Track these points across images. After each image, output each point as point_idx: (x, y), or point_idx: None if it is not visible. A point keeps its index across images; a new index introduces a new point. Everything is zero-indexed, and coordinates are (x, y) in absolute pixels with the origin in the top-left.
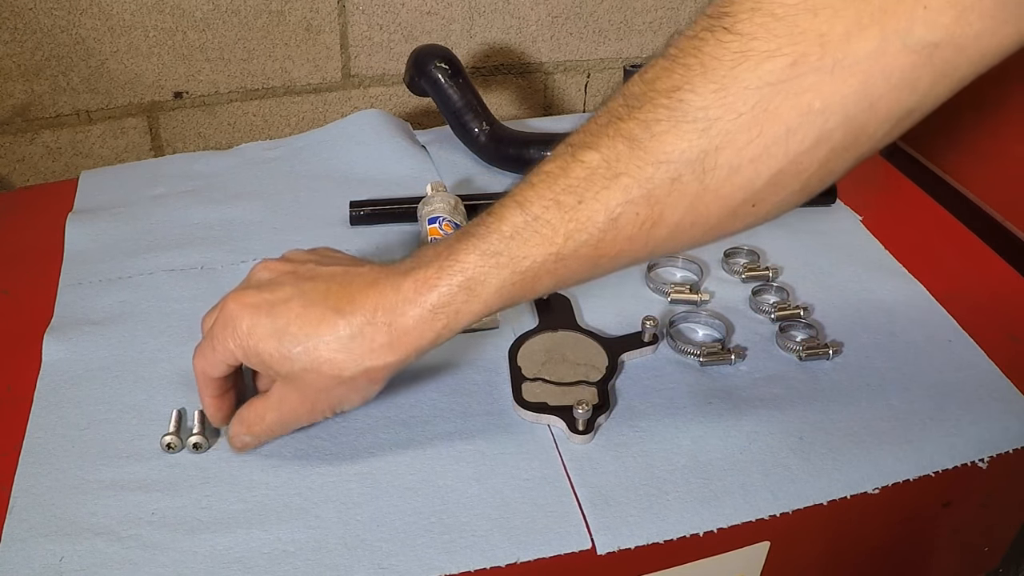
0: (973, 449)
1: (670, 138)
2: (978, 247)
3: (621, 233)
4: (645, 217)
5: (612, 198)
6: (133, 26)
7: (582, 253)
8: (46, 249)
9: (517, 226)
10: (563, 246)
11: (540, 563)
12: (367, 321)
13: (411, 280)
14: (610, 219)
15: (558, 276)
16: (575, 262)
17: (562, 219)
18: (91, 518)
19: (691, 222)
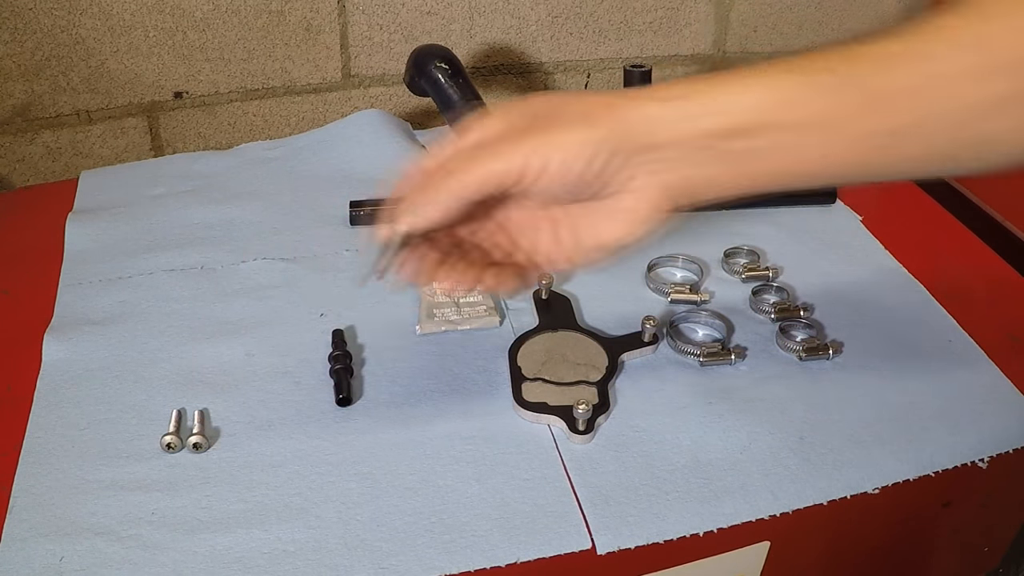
0: (973, 449)
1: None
2: (978, 247)
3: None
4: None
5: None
6: (133, 26)
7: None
8: (46, 249)
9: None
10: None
11: (540, 563)
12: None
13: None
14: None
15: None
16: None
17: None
18: (91, 518)
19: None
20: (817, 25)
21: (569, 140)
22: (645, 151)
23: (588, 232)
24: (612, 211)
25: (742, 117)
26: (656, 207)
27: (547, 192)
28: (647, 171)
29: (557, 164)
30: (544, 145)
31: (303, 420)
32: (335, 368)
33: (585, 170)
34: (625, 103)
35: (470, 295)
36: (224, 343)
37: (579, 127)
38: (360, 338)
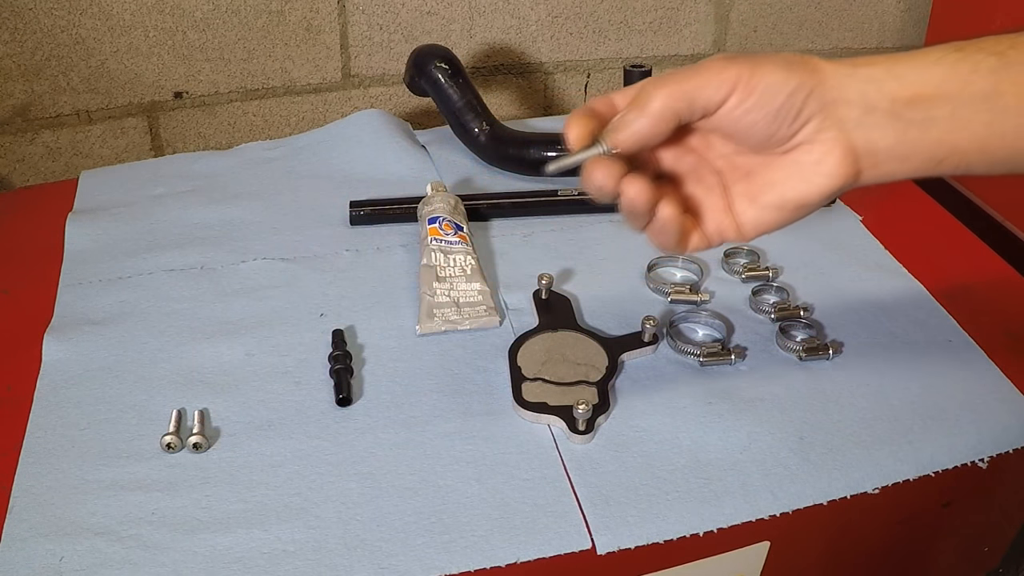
0: (973, 449)
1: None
2: (978, 247)
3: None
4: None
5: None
6: (133, 26)
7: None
8: (46, 249)
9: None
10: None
11: (540, 563)
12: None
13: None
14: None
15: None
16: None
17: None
18: (91, 518)
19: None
20: (817, 25)
21: (774, 72)
22: (836, 104)
23: (770, 189)
24: (799, 164)
25: (922, 87)
26: (842, 164)
27: (748, 118)
28: (836, 125)
29: (764, 86)
30: (755, 68)
31: (303, 420)
32: (335, 368)
33: (787, 102)
34: (820, 62)
35: (470, 295)
36: (224, 343)
37: (781, 66)
38: (360, 338)
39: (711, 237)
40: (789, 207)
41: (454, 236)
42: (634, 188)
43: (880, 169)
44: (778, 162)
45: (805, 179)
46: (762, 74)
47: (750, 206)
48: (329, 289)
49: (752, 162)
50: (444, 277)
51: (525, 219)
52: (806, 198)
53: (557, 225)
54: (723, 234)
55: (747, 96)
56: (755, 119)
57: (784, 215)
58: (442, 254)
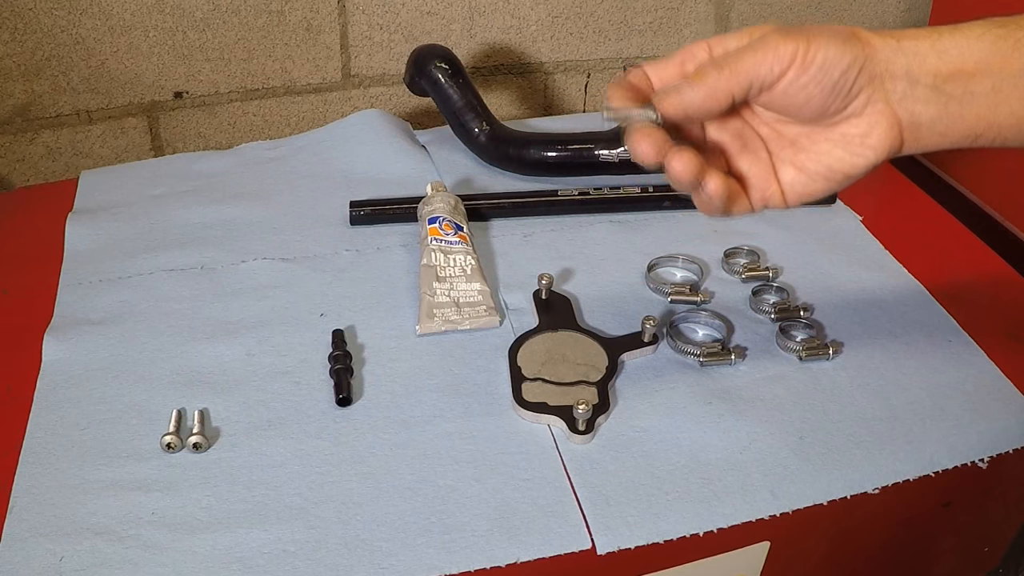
0: (973, 449)
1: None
2: (978, 247)
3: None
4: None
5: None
6: (133, 26)
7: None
8: (46, 249)
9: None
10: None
11: (540, 563)
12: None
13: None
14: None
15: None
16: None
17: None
18: (91, 518)
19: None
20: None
21: (831, 45)
22: (883, 78)
23: (817, 159)
24: (846, 136)
25: (964, 62)
26: (887, 136)
27: (804, 92)
28: (883, 99)
29: (821, 61)
30: (810, 42)
31: (303, 420)
32: (335, 368)
33: (842, 77)
34: (868, 35)
35: (470, 295)
36: (224, 343)
37: (836, 40)
38: (360, 338)
39: (755, 203)
40: (837, 177)
41: (454, 236)
42: (681, 162)
43: (921, 142)
44: (826, 133)
45: (852, 151)
46: (817, 48)
47: (797, 175)
48: (329, 289)
49: (798, 131)
50: (444, 277)
51: (525, 219)
52: (853, 169)
53: (557, 225)
54: (768, 200)
55: (804, 71)
56: (811, 94)
57: (831, 185)
58: (442, 254)
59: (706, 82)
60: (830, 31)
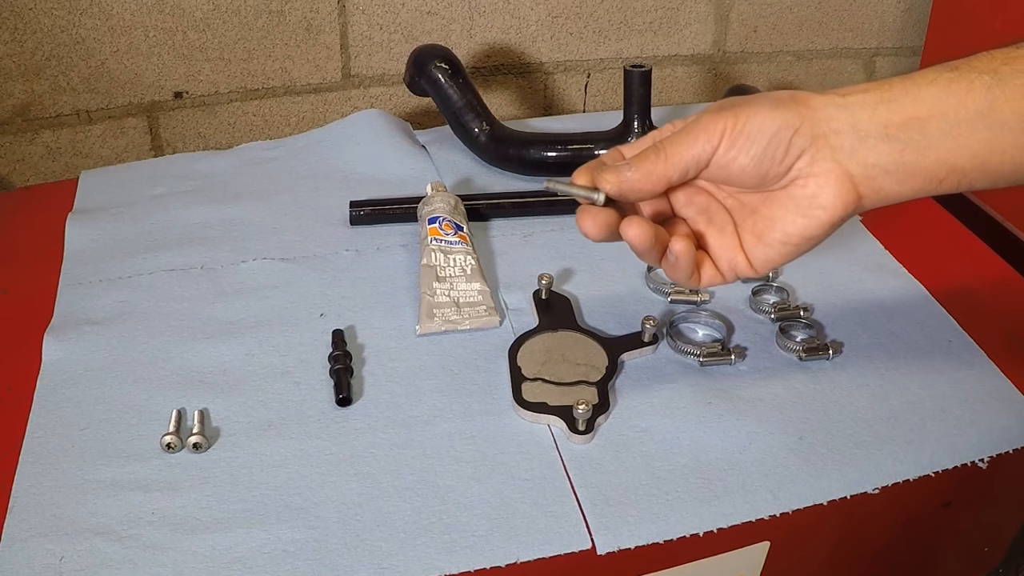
0: (973, 449)
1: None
2: (978, 247)
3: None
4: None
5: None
6: (133, 26)
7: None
8: (46, 249)
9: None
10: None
11: (540, 563)
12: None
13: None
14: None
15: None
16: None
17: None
18: (91, 518)
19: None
20: (817, 25)
21: (759, 114)
22: (826, 135)
23: (772, 226)
24: (795, 199)
25: (916, 110)
26: (839, 194)
27: (736, 164)
28: (829, 156)
29: (748, 131)
30: (737, 117)
31: (303, 420)
32: (335, 368)
33: (771, 142)
34: (808, 96)
35: (470, 295)
36: (224, 343)
37: (767, 106)
38: (360, 338)
39: (725, 274)
40: (794, 242)
41: (454, 236)
42: (634, 228)
43: (881, 193)
44: (777, 198)
45: (804, 213)
46: (746, 118)
47: (758, 243)
48: (329, 289)
49: (756, 199)
50: (444, 277)
51: (525, 219)
52: (808, 231)
53: (557, 225)
54: (736, 271)
55: (732, 144)
56: (743, 164)
57: (791, 249)
58: (442, 254)
59: (644, 166)
60: (768, 99)
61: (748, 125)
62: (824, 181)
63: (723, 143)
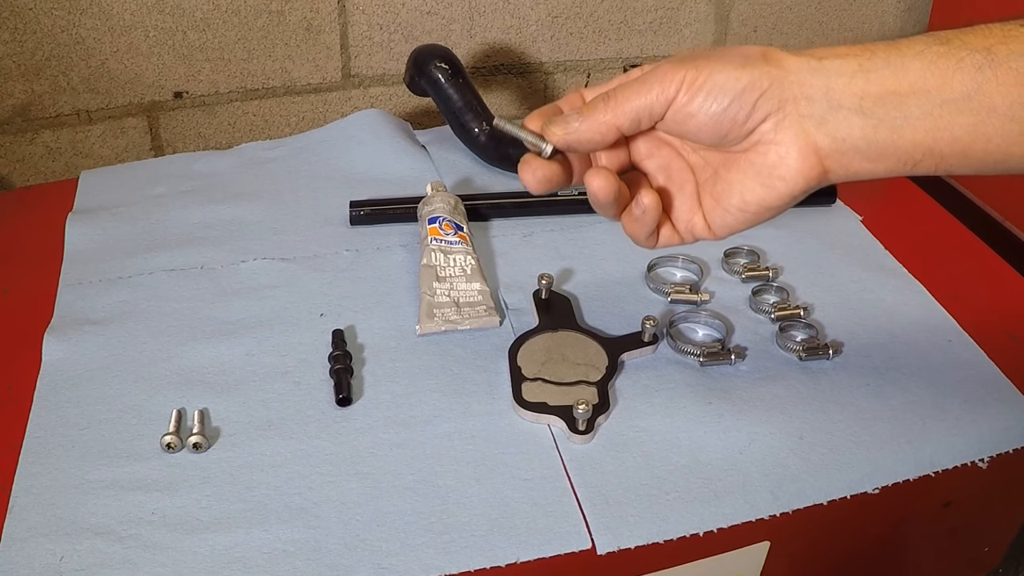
0: (973, 449)
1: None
2: (978, 247)
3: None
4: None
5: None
6: (133, 26)
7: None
8: (46, 249)
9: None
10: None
11: (540, 563)
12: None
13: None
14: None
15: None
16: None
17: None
18: (91, 518)
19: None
20: (817, 25)
21: (723, 71)
22: (796, 101)
23: (730, 190)
24: (755, 166)
25: (896, 83)
26: (801, 167)
27: (693, 122)
28: (796, 124)
29: (708, 87)
30: (699, 71)
31: (303, 420)
32: (335, 368)
33: (733, 103)
34: (782, 56)
35: (470, 295)
36: (224, 343)
37: (734, 64)
38: (360, 338)
39: (683, 234)
40: (751, 210)
41: (454, 236)
42: (598, 179)
43: (849, 169)
44: (737, 162)
45: (763, 182)
46: (708, 74)
47: (716, 206)
48: (329, 289)
49: (717, 159)
50: (444, 277)
51: (525, 219)
52: (766, 201)
53: (557, 225)
54: (694, 232)
55: (690, 100)
56: (700, 122)
57: (749, 217)
58: (442, 254)
59: (593, 116)
60: (736, 53)
61: (710, 81)
62: (787, 151)
63: (680, 96)
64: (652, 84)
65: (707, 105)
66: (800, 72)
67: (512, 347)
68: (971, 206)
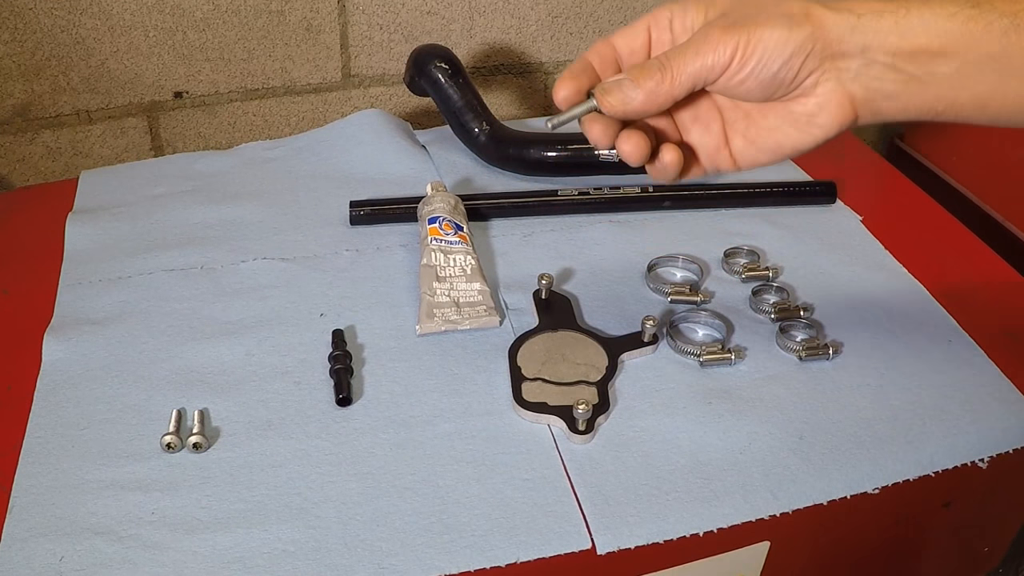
0: (973, 449)
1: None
2: (978, 247)
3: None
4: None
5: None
6: (133, 26)
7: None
8: (46, 249)
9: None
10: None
11: (540, 563)
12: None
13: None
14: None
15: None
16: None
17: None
18: (91, 518)
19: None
20: None
21: (772, 37)
22: (836, 58)
23: (766, 134)
24: (794, 114)
25: (927, 41)
26: (837, 115)
27: (743, 86)
28: (834, 78)
29: (760, 55)
30: (751, 35)
31: (303, 420)
32: (335, 368)
33: (783, 68)
34: (822, 12)
35: (470, 295)
36: (224, 343)
37: (781, 27)
38: (360, 338)
39: (707, 167)
40: (785, 151)
41: (454, 236)
42: (629, 144)
43: (878, 115)
44: (776, 109)
45: (801, 129)
46: (759, 38)
47: (748, 146)
48: (329, 289)
49: (751, 105)
50: (444, 277)
51: (525, 219)
52: (801, 146)
53: (557, 225)
54: (718, 165)
55: (743, 65)
56: (750, 87)
57: (780, 156)
58: (442, 254)
59: (647, 85)
60: (781, 14)
61: (761, 46)
62: (825, 101)
63: (734, 63)
64: (705, 51)
65: (758, 70)
66: (840, 28)
67: (512, 347)
68: (971, 206)
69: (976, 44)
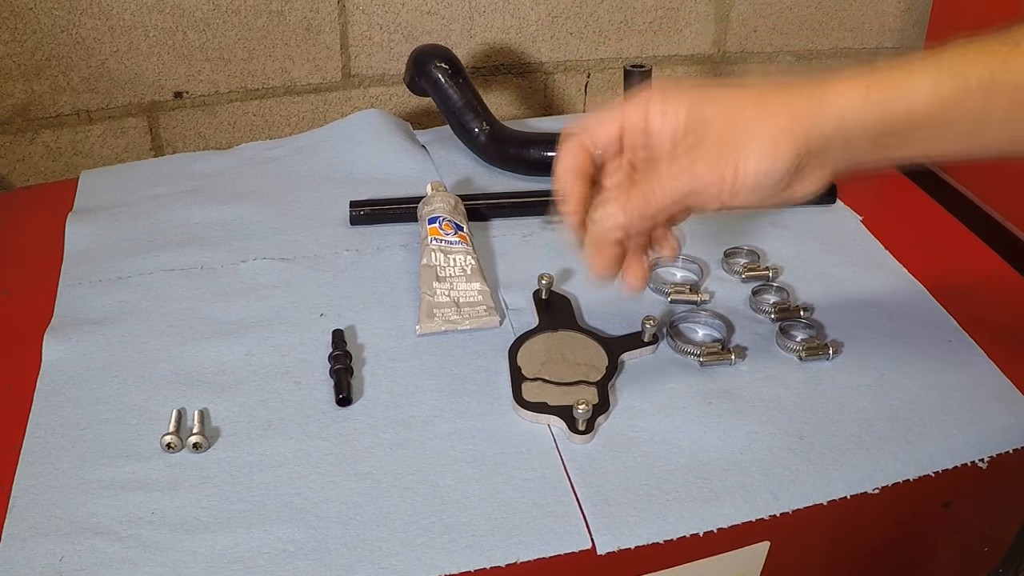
0: (973, 449)
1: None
2: (978, 247)
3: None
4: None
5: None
6: (133, 26)
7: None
8: (46, 249)
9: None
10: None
11: (540, 563)
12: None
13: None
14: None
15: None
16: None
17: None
18: (91, 518)
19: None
20: (817, 25)
21: (764, 158)
22: (823, 152)
23: (744, 205)
24: (777, 197)
25: (908, 118)
26: (815, 185)
27: (738, 206)
28: (819, 166)
29: (752, 184)
30: (737, 167)
31: (303, 420)
32: (335, 368)
33: (776, 185)
34: (806, 114)
35: (470, 295)
36: (224, 343)
37: (770, 144)
38: (360, 338)
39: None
40: (760, 209)
41: (454, 236)
42: (637, 283)
43: (853, 168)
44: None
45: (780, 198)
46: (746, 174)
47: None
48: (329, 289)
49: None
50: (444, 277)
51: (525, 219)
52: (779, 206)
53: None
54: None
55: (734, 196)
56: (747, 203)
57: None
58: (442, 254)
59: (633, 210)
60: (765, 132)
61: (752, 179)
62: (808, 182)
63: (725, 195)
64: (692, 179)
65: (750, 196)
66: (822, 125)
67: (512, 347)
68: (971, 206)
69: (954, 113)
